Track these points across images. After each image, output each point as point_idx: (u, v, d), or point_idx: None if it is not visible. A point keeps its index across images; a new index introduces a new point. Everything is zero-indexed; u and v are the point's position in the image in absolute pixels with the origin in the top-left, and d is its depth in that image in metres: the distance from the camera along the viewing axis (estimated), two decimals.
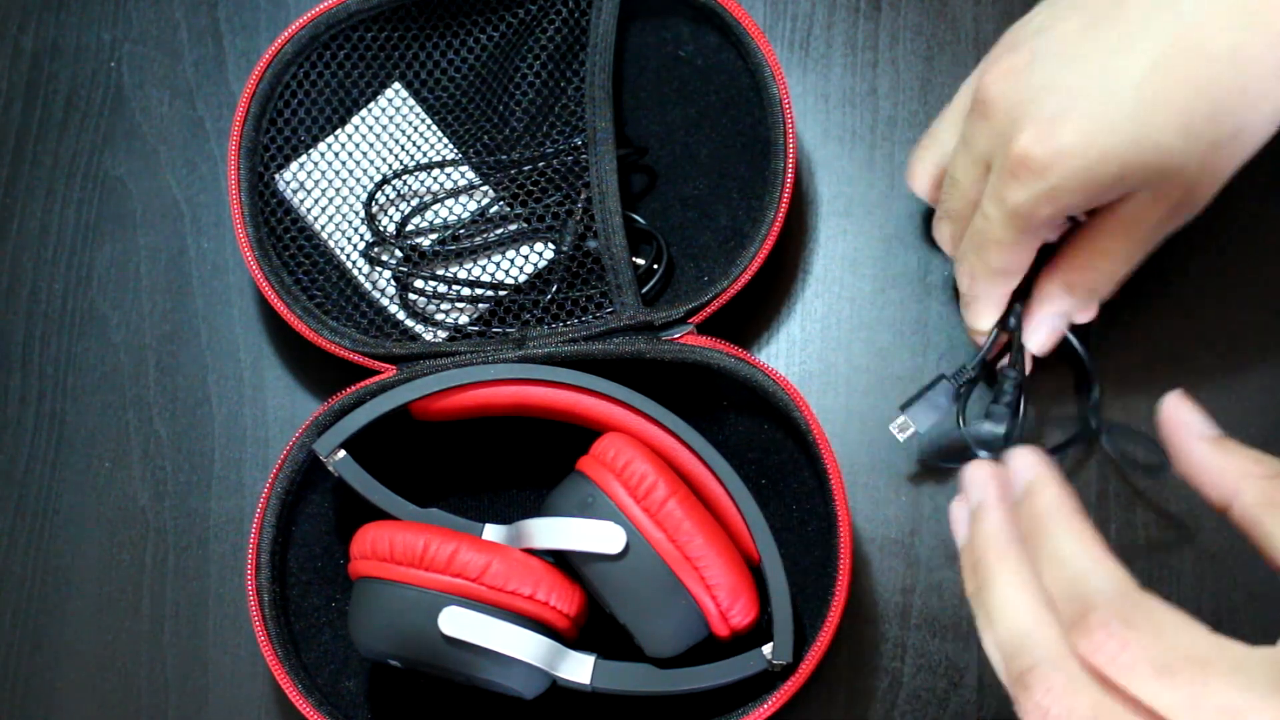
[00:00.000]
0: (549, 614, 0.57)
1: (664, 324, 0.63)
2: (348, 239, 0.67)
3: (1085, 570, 0.42)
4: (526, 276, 0.66)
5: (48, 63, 0.72)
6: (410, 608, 0.56)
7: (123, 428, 0.68)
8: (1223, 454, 0.45)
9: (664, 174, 0.68)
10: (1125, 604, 0.41)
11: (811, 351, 0.67)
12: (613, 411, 0.61)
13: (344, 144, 0.68)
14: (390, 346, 0.64)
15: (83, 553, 0.67)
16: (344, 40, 0.68)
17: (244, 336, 0.69)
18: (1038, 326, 0.61)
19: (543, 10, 0.68)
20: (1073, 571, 0.42)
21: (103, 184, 0.71)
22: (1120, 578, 0.42)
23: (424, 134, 0.69)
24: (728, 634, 0.58)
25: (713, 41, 0.68)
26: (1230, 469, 0.44)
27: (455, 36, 0.69)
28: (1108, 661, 0.40)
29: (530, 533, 0.58)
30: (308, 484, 0.64)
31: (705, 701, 0.59)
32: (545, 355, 0.62)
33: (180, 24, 0.73)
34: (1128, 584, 0.42)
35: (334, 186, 0.68)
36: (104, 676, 0.65)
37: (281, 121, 0.67)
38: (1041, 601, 0.42)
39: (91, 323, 0.69)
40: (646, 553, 0.57)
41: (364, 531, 0.58)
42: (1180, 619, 0.41)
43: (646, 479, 0.57)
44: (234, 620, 0.66)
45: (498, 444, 0.65)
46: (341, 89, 0.68)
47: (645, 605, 0.57)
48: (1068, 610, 0.42)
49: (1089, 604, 0.41)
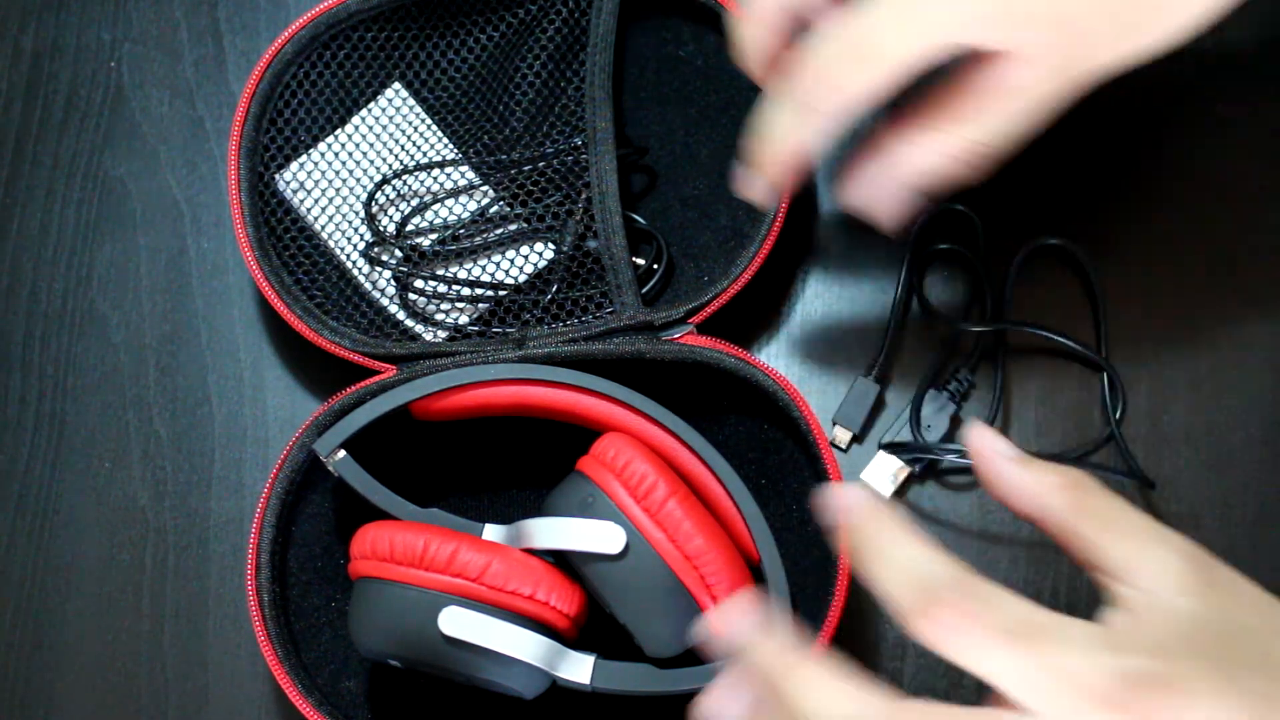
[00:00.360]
0: (549, 614, 0.57)
1: (664, 324, 0.63)
2: (348, 239, 0.67)
3: (923, 565, 0.46)
4: (526, 276, 0.66)
5: (48, 63, 0.72)
6: (410, 608, 0.56)
7: (123, 428, 0.68)
8: (1029, 472, 0.49)
9: (664, 174, 0.68)
10: (965, 584, 0.45)
11: (811, 351, 0.67)
12: (613, 411, 0.61)
13: (344, 144, 0.68)
14: (390, 346, 0.64)
15: (83, 553, 0.67)
16: (344, 40, 0.68)
17: (244, 336, 0.69)
18: (885, 189, 0.58)
19: (543, 10, 0.68)
20: (912, 569, 0.46)
21: (103, 184, 0.71)
22: (957, 566, 0.46)
23: (424, 134, 0.69)
24: None
25: (713, 42, 0.68)
26: (1039, 485, 0.49)
27: (455, 36, 0.69)
28: (955, 635, 0.44)
29: (530, 533, 0.58)
30: (308, 484, 0.64)
31: None
32: (545, 355, 0.62)
33: (180, 24, 0.73)
34: (964, 570, 0.46)
35: (334, 187, 0.67)
36: (104, 676, 0.65)
37: (282, 121, 0.67)
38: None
39: (91, 323, 0.69)
40: (646, 553, 0.57)
41: (364, 531, 0.58)
42: (1014, 595, 0.45)
43: (647, 479, 0.57)
44: (234, 620, 0.66)
45: (498, 444, 0.65)
46: (342, 89, 0.68)
47: (645, 605, 0.57)
48: (913, 599, 0.45)
49: (932, 590, 0.45)
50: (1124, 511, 0.48)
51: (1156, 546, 0.47)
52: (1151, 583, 0.46)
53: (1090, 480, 0.49)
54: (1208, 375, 0.66)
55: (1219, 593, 0.46)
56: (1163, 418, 0.65)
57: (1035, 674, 0.44)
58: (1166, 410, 0.66)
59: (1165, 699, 0.43)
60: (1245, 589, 0.48)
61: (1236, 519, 0.64)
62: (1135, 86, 0.69)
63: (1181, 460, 0.65)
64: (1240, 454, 0.65)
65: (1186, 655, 0.44)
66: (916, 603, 0.46)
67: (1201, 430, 0.65)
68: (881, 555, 0.47)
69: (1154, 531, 0.47)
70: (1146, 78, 0.69)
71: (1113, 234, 0.68)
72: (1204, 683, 0.43)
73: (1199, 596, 0.46)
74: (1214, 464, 0.65)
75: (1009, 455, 0.50)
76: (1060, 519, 0.48)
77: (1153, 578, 0.46)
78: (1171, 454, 0.65)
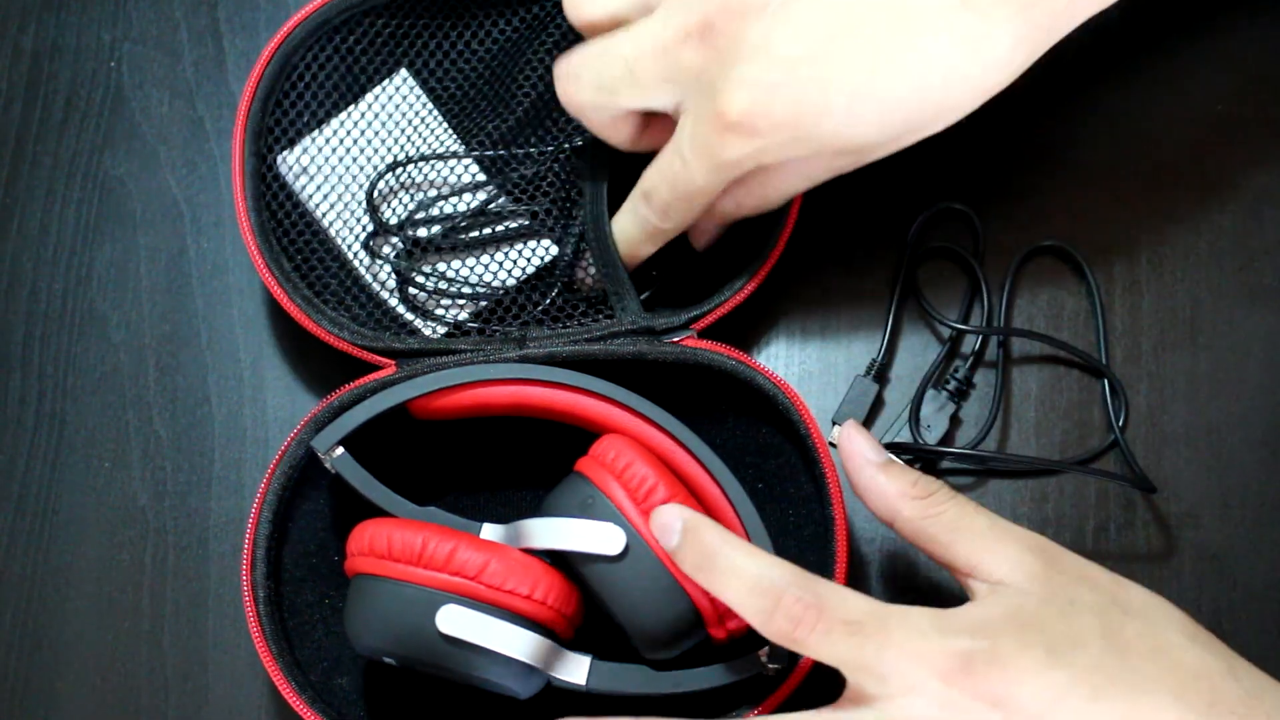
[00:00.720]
0: (546, 614, 0.57)
1: (665, 330, 0.63)
2: (348, 228, 0.67)
3: (764, 571, 0.51)
4: (528, 275, 0.66)
5: (48, 63, 0.72)
6: (407, 605, 0.56)
7: (123, 428, 0.68)
8: (887, 477, 0.54)
9: None
10: (807, 584, 0.50)
11: (811, 352, 0.67)
12: (612, 413, 0.61)
13: (348, 129, 0.68)
14: (389, 341, 0.64)
15: (83, 553, 0.67)
16: (354, 26, 0.68)
17: (244, 336, 0.69)
18: (705, 234, 0.65)
19: (555, 10, 0.68)
20: (754, 576, 0.51)
21: (103, 184, 0.71)
22: (795, 569, 0.51)
23: (428, 122, 0.68)
24: (724, 636, 0.58)
25: None
26: (893, 490, 0.54)
27: (466, 29, 0.69)
28: (807, 631, 0.50)
29: (529, 532, 0.58)
30: (305, 481, 0.64)
31: (701, 703, 0.59)
32: (545, 355, 0.62)
33: (180, 24, 0.73)
34: (802, 572, 0.51)
35: (336, 173, 0.67)
36: (104, 676, 0.65)
37: (288, 104, 0.67)
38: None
39: (91, 323, 0.69)
40: (645, 554, 0.56)
41: (362, 528, 0.58)
42: (851, 591, 0.51)
43: (646, 481, 0.57)
44: (234, 620, 0.66)
45: (497, 443, 0.65)
46: (350, 75, 0.68)
47: (642, 607, 0.57)
48: (758, 606, 0.50)
49: (778, 592, 0.50)
50: (971, 516, 0.53)
51: (1003, 544, 0.52)
52: (1000, 576, 0.51)
53: (941, 488, 0.54)
54: (1207, 376, 0.66)
55: (1063, 578, 0.51)
56: (1163, 418, 0.65)
57: (876, 657, 0.49)
58: (1166, 411, 0.65)
59: (996, 673, 0.48)
60: (1091, 572, 0.52)
61: (1236, 519, 0.64)
62: (1135, 86, 0.69)
63: (1181, 460, 0.65)
64: (1240, 454, 0.65)
65: (1015, 634, 0.48)
66: (765, 606, 0.50)
67: (1201, 430, 0.65)
68: (725, 569, 0.52)
69: (1000, 530, 0.52)
70: (1146, 77, 0.69)
71: (1112, 235, 0.67)
72: (1027, 658, 0.48)
73: (1043, 582, 0.50)
74: (1214, 464, 0.65)
75: (872, 459, 0.55)
76: (911, 525, 0.54)
77: (1000, 572, 0.51)
78: (1171, 454, 0.65)
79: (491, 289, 0.66)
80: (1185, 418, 0.65)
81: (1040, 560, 0.51)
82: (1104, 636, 0.49)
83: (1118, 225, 0.67)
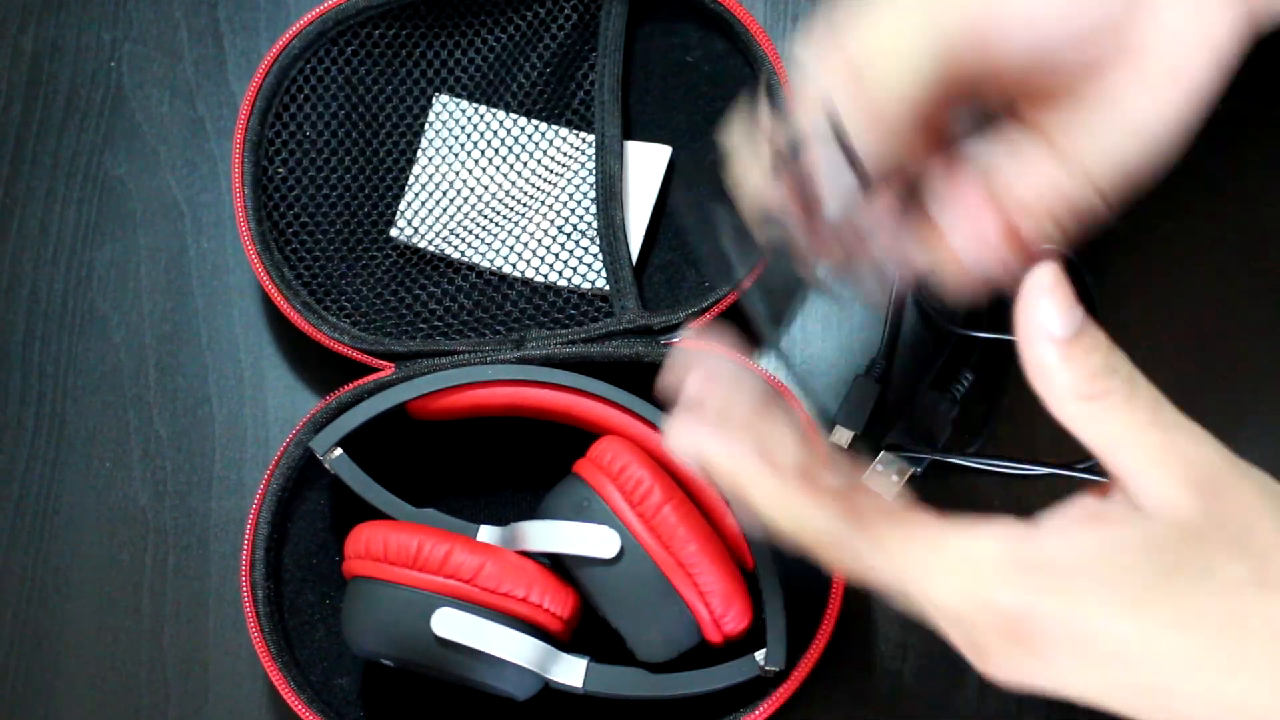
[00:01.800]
0: (542, 617, 0.57)
1: (663, 328, 0.63)
2: (350, 231, 0.67)
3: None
4: (527, 276, 0.66)
5: (48, 63, 0.72)
6: (404, 608, 0.56)
7: (123, 428, 0.68)
8: (1064, 364, 0.44)
9: (668, 178, 0.68)
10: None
11: (811, 351, 0.67)
12: (610, 415, 0.61)
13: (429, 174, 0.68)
14: (389, 344, 0.64)
15: (83, 553, 0.67)
16: (351, 36, 0.68)
17: (244, 336, 0.69)
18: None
19: (551, 15, 0.68)
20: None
21: (103, 184, 0.71)
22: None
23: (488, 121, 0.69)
24: (720, 640, 0.58)
25: (720, 47, 0.68)
26: (1061, 386, 0.44)
27: (464, 37, 0.69)
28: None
29: (525, 535, 0.58)
30: (304, 481, 0.64)
31: (698, 706, 0.59)
32: (544, 356, 0.62)
33: (180, 24, 0.73)
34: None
35: (337, 175, 0.68)
36: (104, 676, 0.66)
37: (287, 116, 0.67)
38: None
39: (91, 323, 0.69)
40: (640, 558, 0.56)
41: (359, 531, 0.58)
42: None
43: (642, 484, 0.57)
44: (234, 620, 0.66)
45: (495, 445, 0.65)
46: (348, 85, 0.68)
47: (638, 610, 0.57)
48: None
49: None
50: (1140, 430, 0.44)
51: (1161, 469, 0.43)
52: (1145, 504, 0.43)
53: (1117, 388, 0.44)
54: (1208, 376, 0.65)
55: (1213, 535, 0.42)
56: None
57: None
58: None
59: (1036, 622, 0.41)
60: (1254, 533, 0.43)
61: None
62: None
63: None
64: (1241, 455, 0.64)
65: (1100, 585, 0.41)
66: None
67: None
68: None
69: (1168, 452, 0.44)
70: None
71: (1110, 236, 0.67)
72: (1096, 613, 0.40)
73: (1187, 535, 0.42)
74: None
75: (1052, 333, 0.44)
76: (1069, 423, 0.44)
77: (1148, 500, 0.42)
78: None
79: (491, 290, 0.66)
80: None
81: (1198, 502, 0.42)
82: (1226, 622, 0.40)
83: (1116, 226, 0.67)
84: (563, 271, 0.66)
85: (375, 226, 0.68)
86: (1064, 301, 0.44)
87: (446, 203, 0.67)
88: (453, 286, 0.66)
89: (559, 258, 0.66)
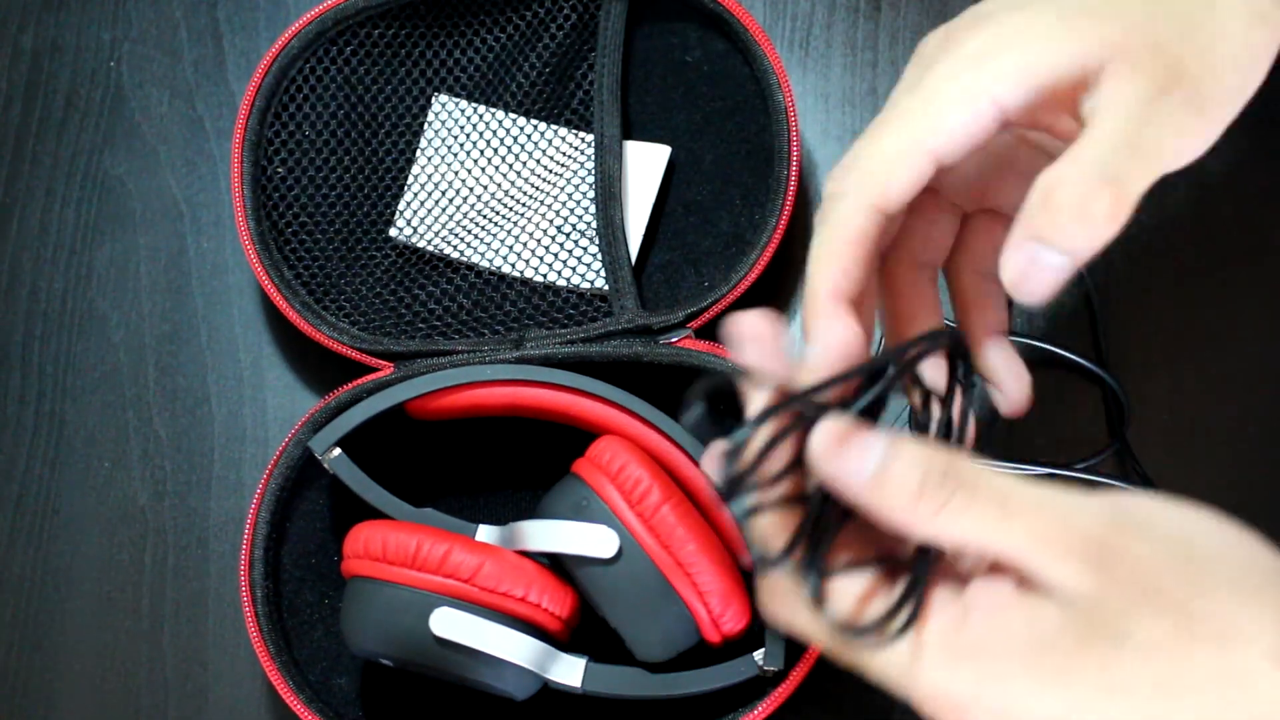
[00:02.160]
0: (541, 616, 0.57)
1: (662, 328, 0.63)
2: (349, 230, 0.67)
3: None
4: (526, 276, 0.66)
5: (48, 63, 0.72)
6: (402, 608, 0.56)
7: (123, 428, 0.68)
8: (886, 488, 0.42)
9: (667, 178, 0.68)
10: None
11: None
12: (609, 414, 0.61)
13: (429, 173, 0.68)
14: (388, 344, 0.64)
15: (83, 553, 0.67)
16: (351, 36, 0.68)
17: (244, 336, 0.69)
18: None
19: (550, 14, 0.68)
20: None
21: (103, 184, 0.71)
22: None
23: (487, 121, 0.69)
24: (719, 640, 0.58)
25: (719, 48, 0.68)
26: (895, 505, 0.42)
27: (463, 37, 0.69)
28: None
29: (524, 535, 0.58)
30: (303, 481, 0.64)
31: (696, 706, 0.59)
32: (542, 356, 0.62)
33: (180, 24, 0.73)
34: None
35: (336, 175, 0.68)
36: (104, 676, 0.66)
37: (286, 116, 0.67)
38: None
39: (91, 322, 0.69)
40: (639, 557, 0.56)
41: (357, 531, 0.58)
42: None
43: (641, 484, 0.57)
44: (233, 620, 0.66)
45: (493, 444, 0.65)
46: (347, 85, 0.68)
47: (637, 610, 0.57)
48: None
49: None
50: (1002, 531, 0.41)
51: (1048, 551, 0.41)
52: (1043, 584, 0.41)
53: (955, 492, 0.41)
54: (1207, 375, 0.65)
55: (1119, 599, 0.40)
56: (1162, 418, 0.65)
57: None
58: (1165, 411, 0.65)
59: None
60: (1161, 579, 0.41)
61: (1238, 520, 0.64)
62: None
63: (1181, 460, 0.64)
64: (1242, 455, 0.65)
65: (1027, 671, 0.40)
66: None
67: (1201, 430, 0.65)
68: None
69: (1047, 532, 0.41)
70: None
71: None
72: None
73: (1093, 605, 0.40)
74: (1214, 464, 0.64)
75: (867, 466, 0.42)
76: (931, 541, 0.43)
77: (1044, 580, 0.41)
78: (1171, 454, 0.65)
79: (490, 290, 0.66)
80: (1184, 418, 0.65)
81: (1094, 574, 0.40)
82: (1154, 685, 0.39)
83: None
84: (562, 271, 0.66)
85: (374, 226, 0.68)
86: (855, 449, 0.41)
87: (445, 202, 0.67)
88: (452, 286, 0.67)
89: (558, 258, 0.66)
